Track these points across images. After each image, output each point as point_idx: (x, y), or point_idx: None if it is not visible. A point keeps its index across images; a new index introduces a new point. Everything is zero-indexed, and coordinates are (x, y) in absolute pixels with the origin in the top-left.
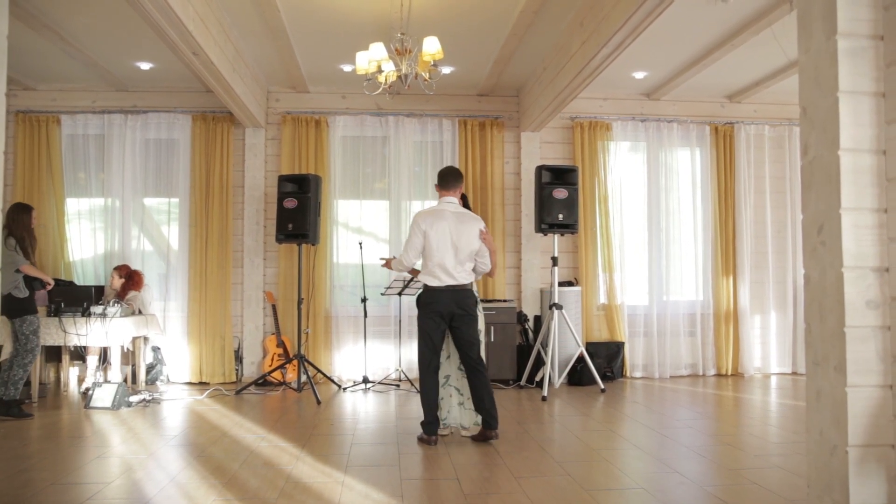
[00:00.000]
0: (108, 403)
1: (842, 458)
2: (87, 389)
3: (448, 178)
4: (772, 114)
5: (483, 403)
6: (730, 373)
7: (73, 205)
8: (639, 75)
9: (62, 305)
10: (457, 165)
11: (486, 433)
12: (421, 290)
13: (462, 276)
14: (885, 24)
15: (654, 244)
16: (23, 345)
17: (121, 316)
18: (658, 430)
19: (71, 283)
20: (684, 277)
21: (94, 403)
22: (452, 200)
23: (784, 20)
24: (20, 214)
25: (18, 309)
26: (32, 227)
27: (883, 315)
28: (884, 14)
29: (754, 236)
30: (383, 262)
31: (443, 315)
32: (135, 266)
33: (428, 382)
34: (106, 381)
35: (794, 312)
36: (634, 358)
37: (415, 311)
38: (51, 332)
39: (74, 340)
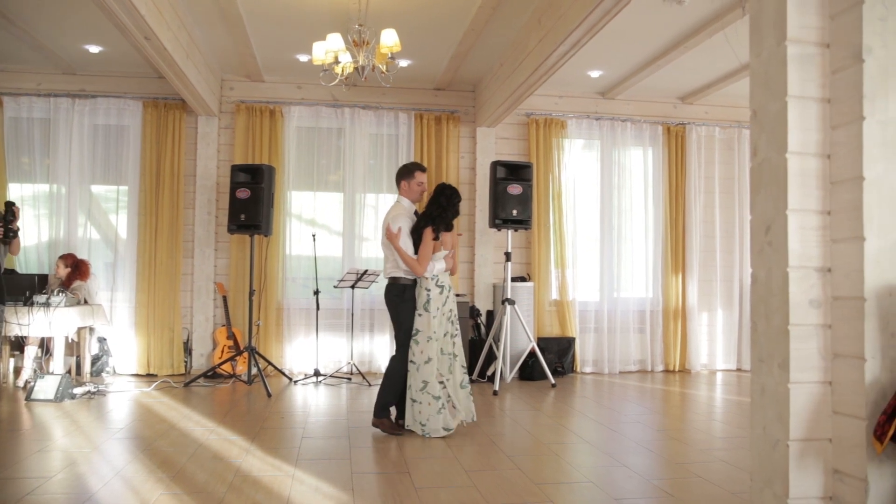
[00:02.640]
0: (51, 395)
1: (783, 451)
2: (27, 381)
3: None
4: (722, 116)
5: None
6: (677, 369)
7: (15, 190)
8: (594, 74)
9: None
10: (412, 159)
11: None
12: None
13: (386, 269)
14: (831, 32)
15: (606, 241)
16: None
17: (65, 305)
18: (607, 425)
19: (12, 272)
20: (635, 275)
21: (35, 395)
22: (399, 199)
23: (737, 24)
24: None
25: None
26: None
27: (824, 314)
28: (830, 23)
29: (703, 235)
30: None
31: None
32: (81, 255)
33: None
34: (48, 372)
35: (740, 310)
36: (585, 353)
37: (367, 305)
38: None
39: (16, 330)
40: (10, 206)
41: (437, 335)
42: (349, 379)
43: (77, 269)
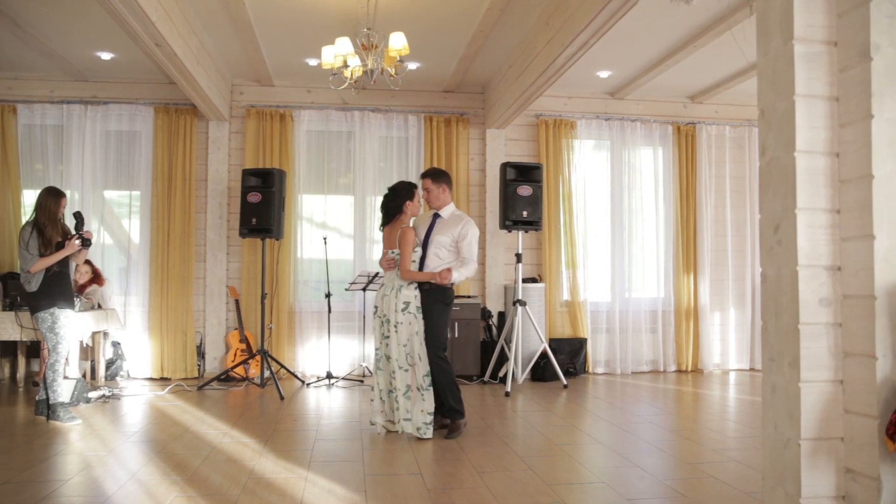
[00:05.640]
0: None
1: (795, 451)
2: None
3: None
4: (732, 115)
5: None
6: (690, 369)
7: (29, 196)
8: (603, 74)
9: (18, 300)
10: (422, 162)
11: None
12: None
13: None
14: (838, 30)
15: (617, 242)
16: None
17: (80, 310)
18: (619, 426)
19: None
20: (646, 275)
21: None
22: None
23: (744, 23)
24: (47, 199)
25: (32, 306)
26: (59, 216)
27: (834, 312)
28: (837, 21)
29: (714, 235)
30: None
31: None
32: (95, 260)
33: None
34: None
35: (753, 310)
36: (597, 354)
37: None
38: (6, 327)
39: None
40: (80, 216)
41: (375, 331)
42: (361, 381)
43: (98, 275)
